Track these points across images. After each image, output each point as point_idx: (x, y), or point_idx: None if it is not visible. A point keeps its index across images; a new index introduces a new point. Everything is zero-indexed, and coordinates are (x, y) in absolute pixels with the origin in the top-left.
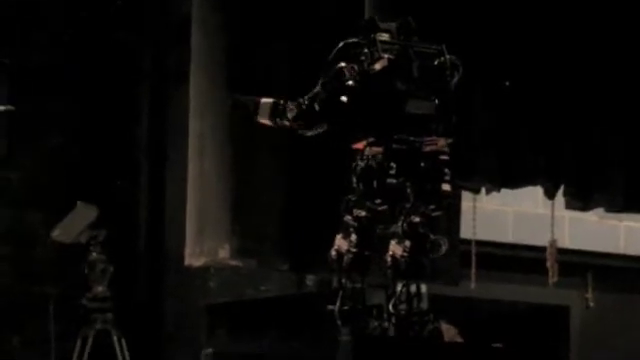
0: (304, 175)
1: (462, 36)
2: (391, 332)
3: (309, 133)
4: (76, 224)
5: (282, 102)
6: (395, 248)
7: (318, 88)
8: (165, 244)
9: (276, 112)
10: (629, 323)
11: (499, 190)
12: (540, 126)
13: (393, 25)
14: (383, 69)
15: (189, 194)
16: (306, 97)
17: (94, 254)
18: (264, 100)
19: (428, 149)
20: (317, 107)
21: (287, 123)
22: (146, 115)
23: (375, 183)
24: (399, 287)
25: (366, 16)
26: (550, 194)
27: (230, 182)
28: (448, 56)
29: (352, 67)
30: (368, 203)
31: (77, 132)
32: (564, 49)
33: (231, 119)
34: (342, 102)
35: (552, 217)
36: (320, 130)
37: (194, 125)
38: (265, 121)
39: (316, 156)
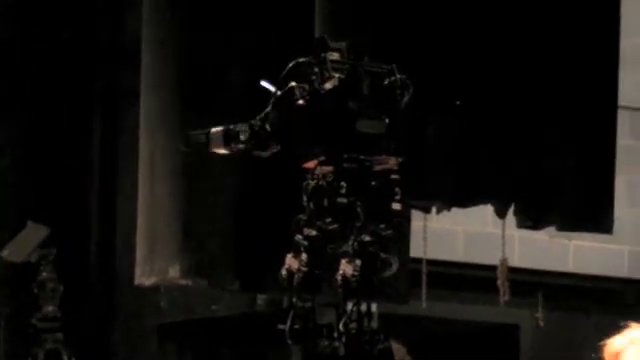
0: (255, 194)
1: (413, 55)
2: (341, 351)
3: (265, 154)
4: (26, 243)
5: (232, 127)
6: (346, 267)
7: (269, 108)
8: (116, 263)
9: (229, 138)
10: (579, 342)
11: (450, 209)
12: (490, 145)
13: (343, 44)
14: (333, 88)
15: (140, 213)
16: (258, 118)
17: (44, 273)
18: (214, 130)
19: (379, 168)
20: (269, 127)
21: (242, 146)
22: (97, 134)
23: (326, 202)
24: (350, 306)
25: (317, 35)
26: (500, 213)
27: (181, 202)
28: (398, 75)
29: (303, 86)
30: (319, 222)
31: (27, 151)
32: (514, 68)
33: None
34: (293, 121)
35: (503, 236)
36: (275, 150)
37: (145, 146)
38: (220, 150)
39: (267, 176)
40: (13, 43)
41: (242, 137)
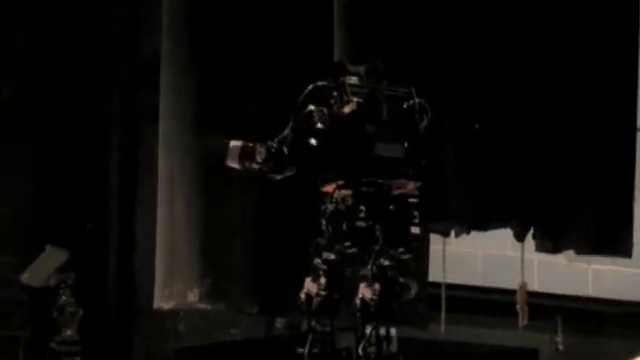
0: (274, 218)
1: (432, 78)
2: None
3: (278, 177)
4: (45, 268)
5: (251, 145)
6: (364, 291)
7: (287, 131)
8: (135, 287)
9: (245, 155)
10: None
11: (468, 233)
12: (509, 168)
13: (362, 68)
14: (352, 112)
15: (158, 237)
16: (275, 140)
17: (63, 297)
18: (233, 143)
19: (397, 192)
20: (286, 150)
21: (256, 166)
22: (115, 155)
23: (344, 226)
24: (368, 330)
25: (335, 59)
26: (519, 236)
27: (200, 225)
28: (417, 99)
29: (321, 110)
30: (337, 246)
31: (46, 174)
32: (533, 92)
33: (201, 161)
34: (311, 145)
35: (522, 260)
36: (289, 174)
37: (163, 167)
38: (234, 164)
39: (286, 199)
40: (32, 60)
41: (258, 157)
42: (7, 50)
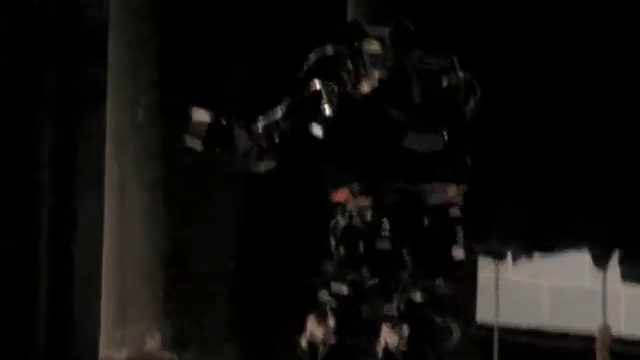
0: (263, 235)
1: (481, 44)
2: None
3: (259, 169)
4: None
5: (225, 123)
6: (388, 336)
7: (280, 114)
8: (74, 333)
9: (214, 137)
10: None
11: (530, 256)
12: (586, 170)
13: (385, 31)
14: (372, 91)
15: (105, 266)
16: (261, 123)
17: None
18: (197, 115)
19: (434, 201)
20: (276, 139)
21: (230, 155)
22: (47, 149)
23: (361, 247)
24: None
25: (349, 17)
26: (600, 262)
27: (162, 246)
28: (461, 73)
29: (330, 87)
30: (351, 275)
31: None
32: (618, 76)
33: (164, 162)
34: (315, 135)
35: (603, 294)
36: (271, 166)
37: (113, 165)
38: (196, 145)
39: (281, 210)
40: None
41: (240, 145)
42: None
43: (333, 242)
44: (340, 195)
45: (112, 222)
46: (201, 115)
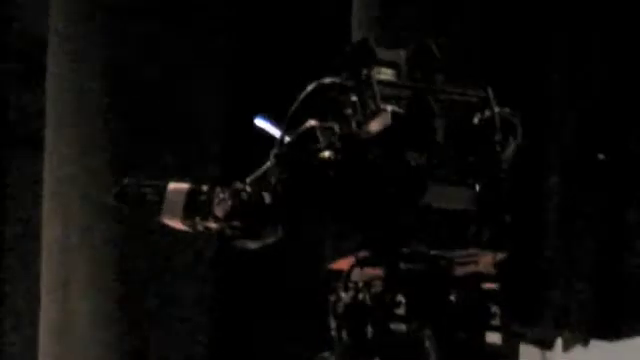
0: (247, 317)
1: (522, 73)
2: None
3: (253, 245)
4: None
5: (205, 189)
6: None
7: (269, 164)
8: None
9: (195, 207)
10: None
11: (586, 343)
12: None
13: (402, 54)
14: (384, 131)
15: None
16: (248, 180)
17: None
18: (174, 186)
19: (464, 272)
20: (268, 198)
21: (214, 225)
22: None
23: (369, 331)
24: None
25: (355, 37)
26: None
27: (116, 322)
28: (498, 107)
29: (330, 128)
30: None
31: None
32: None
33: (116, 218)
34: (312, 188)
35: None
36: (273, 239)
37: (50, 232)
38: (175, 222)
39: (269, 283)
40: None
41: (219, 211)
42: None
43: (333, 324)
44: (342, 263)
45: (52, 293)
46: (176, 184)
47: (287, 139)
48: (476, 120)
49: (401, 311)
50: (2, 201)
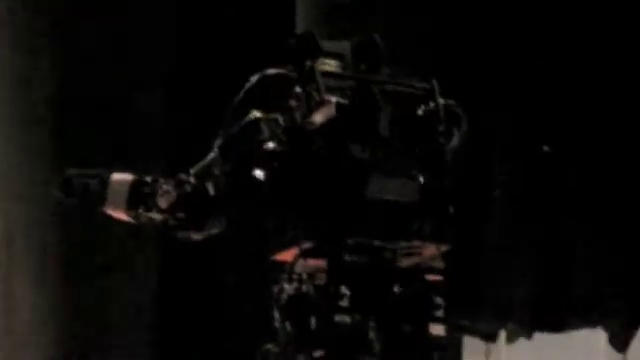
0: (190, 309)
1: (467, 64)
2: None
3: (197, 235)
4: None
5: (149, 180)
6: None
7: (213, 155)
8: None
9: (139, 197)
10: None
11: (530, 336)
12: (602, 223)
13: (346, 46)
14: (328, 122)
15: None
16: (192, 171)
17: None
18: (117, 177)
19: (407, 263)
20: (211, 189)
21: (158, 216)
22: None
23: (313, 323)
24: None
25: (300, 28)
26: (620, 343)
27: (58, 317)
28: (442, 100)
29: (274, 119)
30: (301, 357)
31: None
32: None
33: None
34: (256, 180)
35: None
36: (216, 230)
37: None
38: (119, 213)
39: (211, 275)
40: None
41: (162, 202)
42: None
43: (277, 315)
44: (286, 255)
45: None
46: (119, 175)
47: (231, 130)
48: (421, 112)
49: (345, 303)
50: None
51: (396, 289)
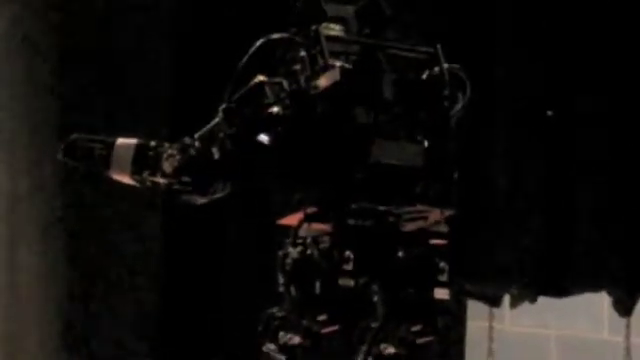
0: (193, 274)
1: (472, 29)
2: None
3: (201, 199)
4: None
5: (154, 145)
6: None
7: (217, 119)
8: None
9: (143, 161)
10: None
11: (534, 300)
12: (607, 192)
13: (350, 10)
14: (333, 87)
15: None
16: (197, 135)
17: None
18: (122, 141)
19: (411, 227)
20: (216, 153)
21: (162, 180)
22: None
23: (317, 286)
24: None
25: None
26: (623, 308)
27: (62, 283)
28: (446, 65)
29: (278, 83)
30: (305, 321)
31: None
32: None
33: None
34: (261, 144)
35: (626, 347)
36: (220, 194)
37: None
38: (123, 176)
39: (216, 240)
40: None
41: (166, 167)
42: None
43: (281, 279)
44: (291, 219)
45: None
46: (124, 140)
47: (236, 94)
48: (425, 76)
49: (349, 267)
50: None
51: (400, 253)
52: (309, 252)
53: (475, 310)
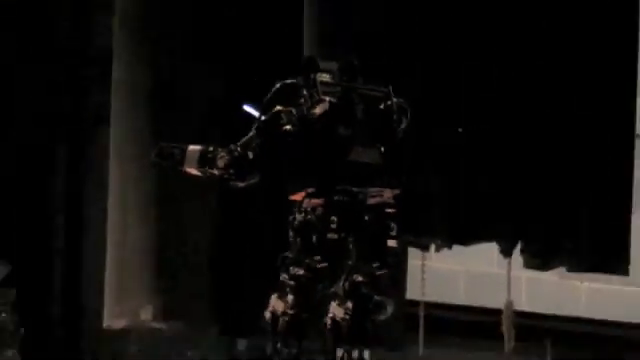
0: (237, 229)
1: (412, 77)
2: None
3: (241, 184)
4: None
5: (211, 149)
6: (336, 310)
7: (252, 133)
8: (82, 304)
9: (205, 160)
10: None
11: (450, 247)
12: (495, 178)
13: (335, 64)
14: (324, 113)
15: (109, 249)
16: (238, 143)
17: (3, 315)
18: (192, 147)
19: (373, 201)
20: (251, 155)
21: (217, 172)
22: (62, 163)
23: (314, 238)
24: (340, 353)
25: (305, 54)
26: (506, 252)
27: (155, 236)
28: (395, 99)
29: (290, 111)
30: (307, 260)
31: None
32: (522, 95)
33: (156, 168)
34: (278, 149)
35: (508, 277)
36: (253, 181)
37: (115, 174)
38: (192, 170)
39: (250, 209)
40: None
41: (220, 163)
42: None
43: (291, 234)
44: (297, 196)
45: (114, 215)
46: (193, 146)
47: (263, 118)
48: (382, 106)
49: (334, 226)
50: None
51: (366, 217)
52: (309, 217)
53: (413, 253)
